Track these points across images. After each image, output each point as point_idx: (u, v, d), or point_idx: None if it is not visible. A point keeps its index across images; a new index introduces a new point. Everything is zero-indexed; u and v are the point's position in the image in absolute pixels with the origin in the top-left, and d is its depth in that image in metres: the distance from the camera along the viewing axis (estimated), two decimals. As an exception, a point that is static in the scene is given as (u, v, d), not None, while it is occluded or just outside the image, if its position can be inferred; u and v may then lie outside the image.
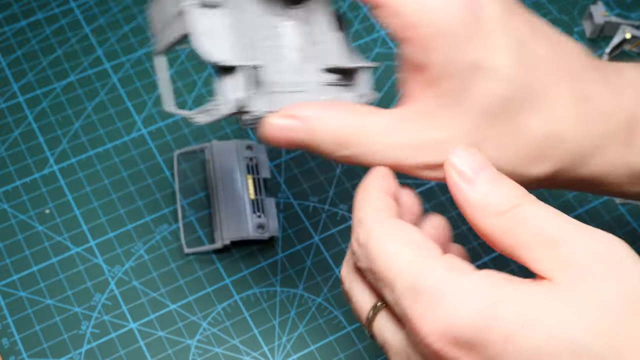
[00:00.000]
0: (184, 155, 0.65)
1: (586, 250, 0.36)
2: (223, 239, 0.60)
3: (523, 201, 0.38)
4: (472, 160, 0.39)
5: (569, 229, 0.37)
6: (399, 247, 0.37)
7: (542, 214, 0.37)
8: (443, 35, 0.39)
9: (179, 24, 0.41)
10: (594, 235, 0.37)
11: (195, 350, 0.58)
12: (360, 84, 0.44)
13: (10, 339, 0.57)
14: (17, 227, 0.62)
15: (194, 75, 0.69)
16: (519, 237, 0.37)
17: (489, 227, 0.38)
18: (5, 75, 0.68)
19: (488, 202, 0.38)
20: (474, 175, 0.39)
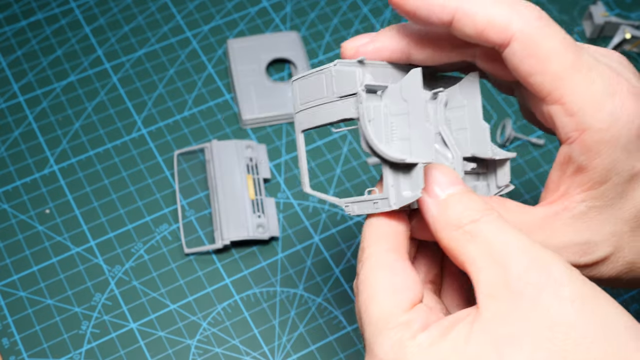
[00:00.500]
0: (184, 155, 0.65)
1: (518, 281, 0.35)
2: (223, 239, 0.60)
3: (482, 217, 0.38)
4: (441, 177, 0.40)
5: (515, 251, 0.36)
6: (378, 291, 0.38)
7: (495, 231, 0.37)
8: (616, 142, 0.39)
9: (344, 106, 0.41)
10: (535, 260, 0.36)
11: (195, 350, 0.58)
12: (498, 175, 0.44)
13: (10, 338, 0.57)
14: (17, 227, 0.62)
15: (194, 76, 0.69)
16: (469, 253, 0.37)
17: (445, 240, 0.38)
18: (5, 75, 0.68)
19: (447, 216, 0.38)
20: (440, 191, 0.39)
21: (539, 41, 0.39)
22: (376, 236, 0.40)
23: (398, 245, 0.40)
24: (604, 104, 0.39)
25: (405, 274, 0.39)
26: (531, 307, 0.35)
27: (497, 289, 0.36)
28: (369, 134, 0.40)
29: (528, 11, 0.39)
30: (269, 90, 0.68)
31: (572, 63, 0.39)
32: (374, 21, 0.73)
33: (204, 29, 0.72)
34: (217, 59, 0.70)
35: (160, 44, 0.71)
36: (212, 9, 0.73)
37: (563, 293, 0.35)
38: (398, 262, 0.39)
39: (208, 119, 0.67)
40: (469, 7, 0.40)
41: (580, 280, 0.35)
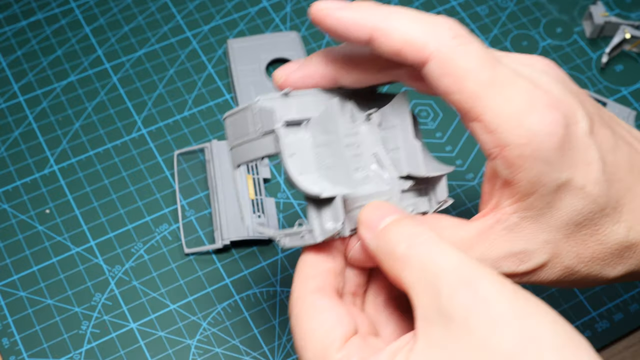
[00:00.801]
0: (184, 155, 0.65)
1: (448, 303, 0.36)
2: (223, 239, 0.60)
3: (415, 240, 0.38)
4: (376, 212, 0.41)
5: (444, 271, 0.36)
6: (308, 334, 0.39)
7: (428, 253, 0.37)
8: (537, 156, 0.39)
9: (265, 143, 0.41)
10: (463, 279, 0.36)
11: (195, 350, 0.58)
12: (437, 190, 0.44)
13: (10, 338, 0.57)
14: (17, 227, 0.62)
15: (194, 76, 0.69)
16: (407, 278, 0.38)
17: (387, 271, 0.39)
18: (5, 75, 0.68)
19: (384, 246, 0.39)
20: (375, 224, 0.40)
21: (455, 60, 0.40)
22: (303, 277, 0.41)
23: (324, 284, 0.41)
24: (522, 120, 0.39)
25: (333, 311, 0.39)
26: (462, 331, 0.35)
27: (431, 312, 0.36)
28: (288, 169, 0.40)
29: (445, 30, 0.40)
30: (269, 90, 0.68)
31: (488, 80, 0.39)
32: (374, 21, 0.73)
33: (204, 29, 0.72)
34: (217, 59, 0.70)
35: (160, 44, 0.71)
36: (212, 9, 0.73)
37: (491, 313, 0.35)
38: (324, 300, 0.40)
39: (208, 119, 0.67)
40: (386, 26, 0.41)
41: (510, 295, 0.35)
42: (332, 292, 0.41)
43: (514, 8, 0.74)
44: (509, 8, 0.74)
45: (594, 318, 0.60)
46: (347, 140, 0.43)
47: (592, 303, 0.60)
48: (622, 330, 0.60)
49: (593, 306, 0.60)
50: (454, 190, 0.65)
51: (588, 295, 0.61)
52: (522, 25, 0.74)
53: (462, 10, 0.74)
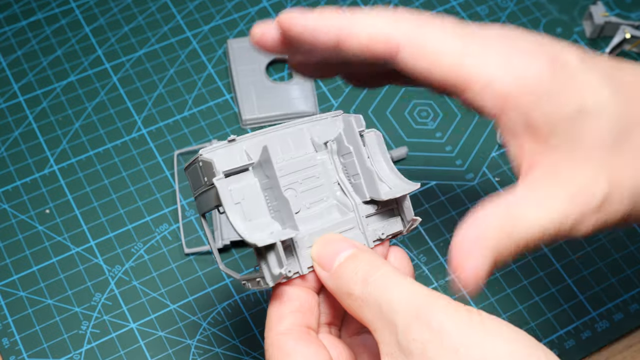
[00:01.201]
0: (184, 155, 0.65)
1: (405, 339, 0.36)
2: (223, 239, 0.60)
3: (368, 278, 0.39)
4: (327, 248, 0.41)
5: (398, 307, 0.37)
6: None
7: (382, 290, 0.38)
8: (537, 95, 0.40)
9: (210, 195, 0.42)
10: (416, 313, 0.36)
11: (195, 350, 0.58)
12: (404, 210, 0.44)
13: (10, 338, 0.57)
14: (17, 227, 0.62)
15: (194, 76, 0.69)
16: (366, 316, 0.38)
17: (348, 308, 0.40)
18: (5, 75, 0.68)
19: (340, 286, 0.40)
20: (330, 263, 0.41)
21: (424, 42, 0.41)
22: (274, 318, 0.41)
23: (293, 324, 0.41)
24: (508, 70, 0.40)
25: (302, 351, 0.39)
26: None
27: (391, 348, 0.37)
28: (229, 219, 0.41)
29: (407, 20, 0.41)
30: (269, 90, 0.68)
31: (461, 50, 0.41)
32: (374, 21, 0.73)
33: (204, 29, 0.72)
34: (217, 59, 0.70)
35: (160, 44, 0.71)
36: (212, 9, 0.73)
37: (446, 343, 0.35)
38: (292, 343, 0.40)
39: (208, 119, 0.67)
40: (351, 25, 0.42)
41: (464, 322, 0.35)
42: (301, 331, 0.41)
43: (514, 8, 0.74)
44: (509, 8, 0.74)
45: (594, 318, 0.60)
46: (305, 173, 0.44)
47: (592, 303, 0.60)
48: (622, 330, 0.60)
49: (593, 306, 0.60)
50: (454, 190, 0.65)
51: (588, 295, 0.61)
52: (522, 25, 0.74)
53: (462, 10, 0.74)
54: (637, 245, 0.63)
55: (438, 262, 0.62)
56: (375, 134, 0.45)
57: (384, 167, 0.45)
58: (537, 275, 0.62)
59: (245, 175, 0.42)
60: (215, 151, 0.42)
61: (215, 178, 0.41)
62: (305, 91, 0.68)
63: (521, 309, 0.60)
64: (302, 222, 0.43)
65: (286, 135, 0.44)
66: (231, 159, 0.42)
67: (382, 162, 0.45)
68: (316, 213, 0.44)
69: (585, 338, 0.59)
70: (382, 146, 0.45)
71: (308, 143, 0.45)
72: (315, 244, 0.42)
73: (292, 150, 0.44)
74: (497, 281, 0.61)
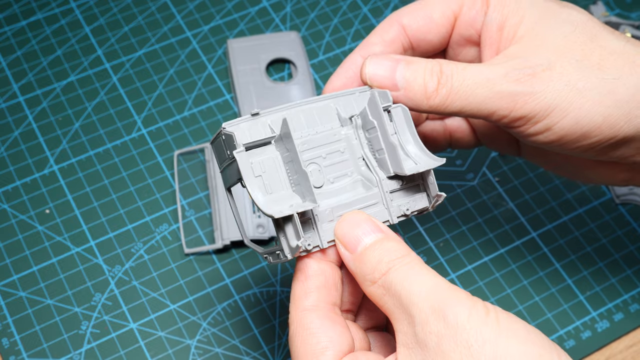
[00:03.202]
0: (184, 155, 0.65)
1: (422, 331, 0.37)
2: (223, 239, 0.60)
3: (392, 267, 0.39)
4: (353, 229, 0.41)
5: (418, 300, 0.37)
6: (303, 352, 0.40)
7: (403, 281, 0.38)
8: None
9: (234, 168, 0.42)
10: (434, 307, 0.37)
11: (195, 350, 0.58)
12: (428, 185, 0.44)
13: (10, 338, 0.57)
14: (17, 227, 0.62)
15: (194, 76, 0.69)
16: (386, 305, 0.39)
17: (368, 294, 0.40)
18: (5, 75, 0.68)
19: (363, 271, 0.40)
20: (354, 245, 0.41)
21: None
22: (298, 294, 0.41)
23: (319, 301, 0.41)
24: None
25: (325, 333, 0.40)
26: (435, 357, 0.36)
27: (409, 339, 0.37)
28: (249, 191, 0.41)
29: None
30: (269, 90, 0.68)
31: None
32: (374, 21, 0.73)
33: (204, 29, 0.72)
34: (217, 59, 0.70)
35: (160, 44, 0.71)
36: (212, 9, 0.73)
37: (461, 339, 0.36)
38: (318, 320, 0.40)
39: (208, 119, 0.67)
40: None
41: (480, 319, 0.36)
42: (327, 308, 0.41)
43: (514, 8, 0.74)
44: (509, 8, 0.74)
45: (594, 318, 0.60)
46: (330, 148, 0.44)
47: (592, 303, 0.60)
48: (622, 330, 0.60)
49: (593, 306, 0.60)
50: (454, 190, 0.65)
51: (588, 295, 0.61)
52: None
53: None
54: (637, 245, 0.63)
55: (438, 262, 0.62)
56: (402, 108, 0.44)
57: (410, 142, 0.44)
58: (537, 275, 0.62)
59: (267, 148, 0.42)
60: (239, 124, 0.42)
61: (235, 151, 0.41)
62: (305, 91, 0.68)
63: (521, 309, 0.60)
64: (325, 196, 0.43)
65: (312, 109, 0.44)
66: (254, 132, 0.42)
67: (408, 137, 0.44)
68: (340, 187, 0.43)
69: (585, 338, 0.59)
70: (409, 121, 0.44)
71: (334, 117, 0.44)
72: (340, 221, 0.41)
73: (317, 125, 0.44)
74: (497, 281, 0.61)
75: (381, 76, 0.44)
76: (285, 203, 0.41)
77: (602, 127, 0.43)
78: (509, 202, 0.64)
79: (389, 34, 0.48)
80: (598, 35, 0.44)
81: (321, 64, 0.70)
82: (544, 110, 0.43)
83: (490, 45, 0.46)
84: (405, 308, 0.37)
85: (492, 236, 0.63)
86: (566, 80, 0.43)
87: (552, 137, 0.44)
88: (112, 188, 0.64)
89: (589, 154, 0.45)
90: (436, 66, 0.44)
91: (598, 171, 0.49)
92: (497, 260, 0.62)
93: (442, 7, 0.47)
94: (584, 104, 0.42)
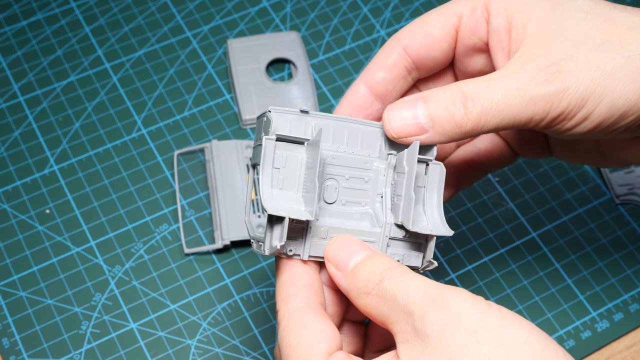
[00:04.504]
0: (184, 155, 0.65)
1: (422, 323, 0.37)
2: (223, 239, 0.60)
3: (384, 277, 0.40)
4: (342, 249, 0.42)
5: (415, 297, 0.38)
6: (292, 353, 0.40)
7: (397, 286, 0.39)
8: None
9: (259, 150, 0.42)
10: (434, 299, 0.37)
11: (195, 350, 0.58)
12: (427, 249, 0.45)
13: (10, 338, 0.57)
14: (17, 227, 0.62)
15: (194, 76, 0.69)
16: (382, 312, 0.39)
17: (362, 307, 0.40)
18: (5, 75, 0.68)
19: (356, 285, 0.40)
20: (345, 263, 0.41)
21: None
22: (287, 293, 0.42)
23: (308, 299, 0.41)
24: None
25: (317, 327, 0.40)
26: (438, 344, 0.36)
27: (408, 335, 0.38)
28: (260, 178, 0.42)
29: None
30: (269, 90, 0.68)
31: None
32: (374, 21, 0.73)
33: (204, 29, 0.72)
34: (217, 59, 0.70)
35: (160, 44, 0.71)
36: (212, 9, 0.73)
37: (464, 326, 0.36)
38: (309, 315, 0.41)
39: (208, 119, 0.67)
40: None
41: (483, 310, 0.36)
42: (317, 306, 0.41)
43: (514, 8, 0.74)
44: (509, 8, 0.74)
45: (594, 318, 0.60)
46: (356, 172, 0.44)
47: (592, 303, 0.60)
48: (622, 330, 0.60)
49: (593, 306, 0.60)
50: (454, 190, 0.65)
51: (588, 295, 0.61)
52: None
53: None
54: (637, 245, 0.63)
55: (438, 262, 0.62)
56: (440, 168, 0.45)
57: (433, 203, 0.45)
58: (537, 275, 0.62)
59: (298, 147, 0.43)
60: (284, 114, 0.43)
61: (266, 136, 0.42)
62: (305, 91, 0.68)
63: (521, 308, 0.60)
64: (329, 213, 0.43)
65: (359, 130, 0.44)
66: (295, 128, 0.43)
67: (434, 197, 0.45)
68: (348, 213, 0.44)
69: (585, 338, 0.59)
70: (442, 183, 0.45)
71: (376, 146, 0.45)
72: (330, 243, 0.42)
73: (357, 147, 0.44)
74: (497, 281, 0.61)
75: (406, 128, 0.43)
76: (286, 203, 0.42)
77: (639, 104, 0.42)
78: (509, 202, 0.64)
79: (390, 59, 0.47)
80: (611, 15, 0.44)
81: (321, 64, 0.70)
82: (579, 102, 0.42)
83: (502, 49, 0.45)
84: (403, 307, 0.38)
85: (492, 236, 0.63)
86: (594, 67, 0.42)
87: (590, 126, 0.43)
88: (112, 188, 0.64)
89: (625, 133, 0.45)
90: (457, 92, 0.43)
91: (631, 150, 0.48)
92: (497, 260, 0.62)
93: (440, 22, 0.47)
94: (616, 86, 0.42)
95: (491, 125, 0.43)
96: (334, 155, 0.43)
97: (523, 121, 0.43)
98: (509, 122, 0.43)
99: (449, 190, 0.52)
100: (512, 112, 0.42)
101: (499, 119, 0.42)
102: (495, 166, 0.53)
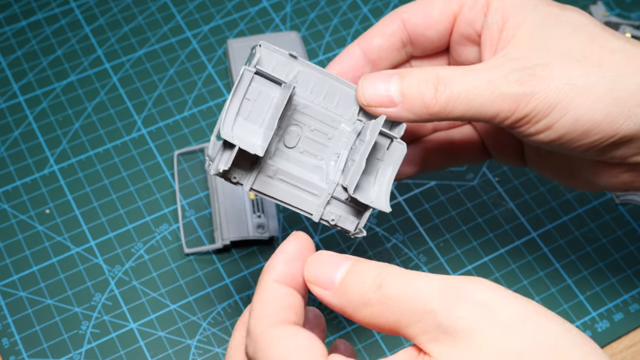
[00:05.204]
0: (184, 155, 0.65)
1: (449, 320, 0.35)
2: (223, 239, 0.60)
3: (381, 282, 0.37)
4: (321, 268, 0.40)
5: (431, 294, 0.36)
6: (287, 350, 0.37)
7: (401, 288, 0.37)
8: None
9: (238, 77, 0.43)
10: (454, 294, 0.36)
11: (195, 350, 0.58)
12: (362, 217, 0.45)
13: (10, 338, 0.57)
14: (17, 227, 0.62)
15: (194, 76, 0.69)
16: (390, 319, 0.37)
17: (363, 320, 0.38)
18: (5, 75, 0.68)
19: (350, 299, 0.38)
20: (330, 280, 0.39)
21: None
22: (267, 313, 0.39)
23: (288, 318, 0.39)
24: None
25: (305, 335, 0.38)
26: (473, 339, 0.35)
27: (434, 333, 0.36)
28: (229, 102, 0.43)
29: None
30: (269, 90, 0.68)
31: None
32: (374, 21, 0.73)
33: (204, 29, 0.72)
34: (217, 59, 0.70)
35: (160, 44, 0.71)
36: (212, 9, 0.73)
37: (496, 317, 0.35)
38: (293, 327, 0.38)
39: (208, 119, 0.67)
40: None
41: (510, 300, 0.35)
42: (297, 323, 0.39)
43: (514, 8, 0.74)
44: (509, 8, 0.74)
45: (594, 318, 0.60)
46: (322, 127, 0.45)
47: (592, 303, 0.60)
48: (622, 330, 0.60)
49: (593, 306, 0.60)
50: (454, 190, 0.65)
51: (588, 295, 0.61)
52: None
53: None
54: (637, 245, 0.63)
55: (438, 262, 0.62)
56: (402, 148, 0.46)
57: (385, 179, 0.46)
58: (537, 275, 0.62)
59: (273, 86, 0.44)
60: (272, 53, 0.44)
61: (246, 67, 0.43)
62: (305, 91, 0.68)
63: (521, 309, 0.60)
64: (285, 157, 0.45)
65: (339, 89, 0.45)
66: (278, 68, 0.44)
67: (387, 172, 0.46)
68: (302, 161, 0.45)
69: (585, 338, 0.59)
70: (399, 161, 0.46)
71: (350, 110, 0.46)
72: (307, 265, 0.40)
73: (332, 103, 0.45)
74: (497, 281, 0.61)
75: (377, 97, 0.44)
76: (245, 134, 0.43)
77: (602, 125, 0.43)
78: (509, 202, 0.64)
79: (389, 28, 0.48)
80: (598, 35, 0.44)
81: (321, 64, 0.70)
82: (545, 109, 0.43)
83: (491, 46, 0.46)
84: (417, 309, 0.36)
85: (492, 236, 0.63)
86: (566, 79, 0.43)
87: (552, 136, 0.44)
88: (112, 188, 0.64)
89: (590, 153, 0.45)
90: (432, 74, 0.44)
91: (599, 173, 0.49)
92: (497, 260, 0.62)
93: (442, 6, 0.48)
94: (583, 102, 0.43)
95: (458, 112, 0.44)
96: (306, 104, 0.45)
97: (489, 115, 0.44)
98: (475, 113, 0.44)
99: (413, 167, 0.52)
100: (479, 103, 0.43)
101: (466, 108, 0.43)
102: (465, 160, 0.54)
